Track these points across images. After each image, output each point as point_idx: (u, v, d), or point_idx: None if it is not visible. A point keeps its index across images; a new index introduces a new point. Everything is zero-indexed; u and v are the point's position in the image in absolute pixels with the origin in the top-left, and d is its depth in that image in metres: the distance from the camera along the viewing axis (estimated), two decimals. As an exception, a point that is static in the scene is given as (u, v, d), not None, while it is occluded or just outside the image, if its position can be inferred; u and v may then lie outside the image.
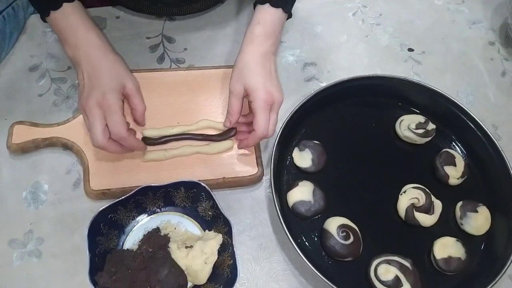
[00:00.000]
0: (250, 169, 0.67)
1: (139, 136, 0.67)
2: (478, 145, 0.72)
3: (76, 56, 0.62)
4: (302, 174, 0.69)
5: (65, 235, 0.62)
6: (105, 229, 0.59)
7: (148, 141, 0.66)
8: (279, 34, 0.66)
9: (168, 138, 0.67)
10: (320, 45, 0.86)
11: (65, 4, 0.61)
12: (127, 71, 0.65)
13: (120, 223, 0.61)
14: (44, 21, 0.64)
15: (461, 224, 0.67)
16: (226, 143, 0.68)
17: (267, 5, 0.64)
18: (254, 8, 0.67)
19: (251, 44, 0.64)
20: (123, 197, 0.59)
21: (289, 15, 0.68)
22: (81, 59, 0.61)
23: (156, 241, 0.59)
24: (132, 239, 0.61)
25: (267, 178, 0.69)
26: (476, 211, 0.66)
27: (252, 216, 0.66)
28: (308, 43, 0.85)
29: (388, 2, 0.94)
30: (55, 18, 0.62)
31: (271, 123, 0.62)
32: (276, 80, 0.64)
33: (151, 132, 0.68)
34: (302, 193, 0.65)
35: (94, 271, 0.55)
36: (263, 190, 0.69)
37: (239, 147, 0.67)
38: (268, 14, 0.64)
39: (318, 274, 0.57)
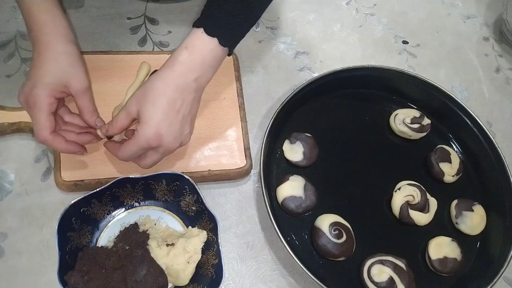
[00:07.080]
0: (237, 162, 0.63)
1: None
2: (474, 141, 0.70)
3: (30, 39, 0.55)
4: (292, 168, 0.66)
5: (32, 230, 0.57)
6: (77, 224, 0.54)
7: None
8: (209, 70, 0.54)
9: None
10: (312, 34, 0.82)
11: None
12: (77, 67, 0.55)
13: (94, 217, 0.56)
14: None
15: (457, 223, 0.64)
16: None
17: (201, 31, 0.52)
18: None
19: (170, 69, 0.52)
20: (97, 189, 0.55)
21: (229, 52, 0.55)
22: (33, 43, 0.55)
23: (134, 238, 0.55)
24: (107, 236, 0.57)
25: (256, 171, 0.65)
26: (472, 210, 0.64)
27: (239, 212, 0.63)
28: (300, 31, 0.82)
29: (382, -8, 0.91)
30: None
31: (147, 159, 0.54)
32: (178, 124, 0.52)
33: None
34: (292, 188, 0.62)
35: (64, 270, 0.51)
36: (251, 185, 0.65)
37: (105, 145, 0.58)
38: (199, 41, 0.52)
39: (309, 274, 0.54)
